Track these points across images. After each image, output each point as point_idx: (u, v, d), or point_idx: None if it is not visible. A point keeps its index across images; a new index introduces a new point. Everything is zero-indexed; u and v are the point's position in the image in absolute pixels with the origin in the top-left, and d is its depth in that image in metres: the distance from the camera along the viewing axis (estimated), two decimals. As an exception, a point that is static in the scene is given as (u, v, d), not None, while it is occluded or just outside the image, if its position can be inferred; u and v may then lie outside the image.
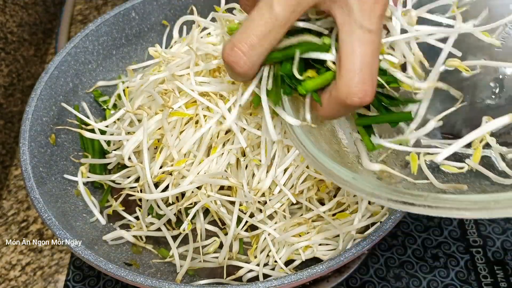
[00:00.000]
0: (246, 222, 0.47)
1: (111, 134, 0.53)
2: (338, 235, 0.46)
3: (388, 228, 0.41)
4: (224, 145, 0.48)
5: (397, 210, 0.42)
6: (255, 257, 0.47)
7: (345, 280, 0.53)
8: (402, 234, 0.58)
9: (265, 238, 0.47)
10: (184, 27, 0.62)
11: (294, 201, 0.46)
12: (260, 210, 0.47)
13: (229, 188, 0.48)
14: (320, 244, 0.47)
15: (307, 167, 0.46)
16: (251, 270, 0.47)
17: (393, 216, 0.42)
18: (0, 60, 0.66)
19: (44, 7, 0.82)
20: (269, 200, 0.46)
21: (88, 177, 0.53)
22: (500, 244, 0.56)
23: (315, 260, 0.46)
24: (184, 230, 0.46)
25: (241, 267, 0.47)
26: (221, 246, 0.48)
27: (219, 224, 0.49)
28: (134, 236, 0.50)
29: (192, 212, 0.46)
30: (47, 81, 0.53)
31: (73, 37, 0.57)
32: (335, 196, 0.49)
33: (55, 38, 0.83)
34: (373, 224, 0.46)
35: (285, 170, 0.46)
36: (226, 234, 0.48)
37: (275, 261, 0.46)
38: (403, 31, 0.37)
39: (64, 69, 0.55)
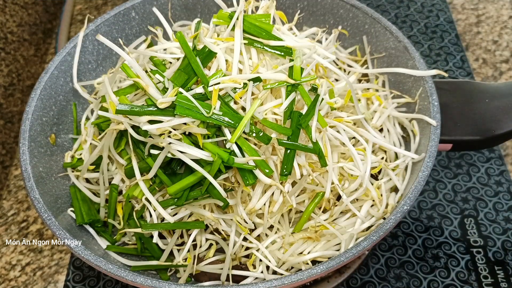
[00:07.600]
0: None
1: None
2: (339, 243, 0.46)
3: (389, 228, 0.41)
4: None
5: (397, 210, 0.42)
6: (254, 267, 0.46)
7: (346, 280, 0.53)
8: (403, 234, 0.57)
9: (262, 251, 0.46)
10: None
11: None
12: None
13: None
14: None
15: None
16: (256, 278, 0.46)
17: (394, 216, 0.42)
18: (0, 60, 0.66)
19: (44, 7, 0.82)
20: (268, 220, 0.45)
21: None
22: (501, 244, 0.56)
23: (315, 260, 0.46)
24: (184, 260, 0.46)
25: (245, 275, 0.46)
26: (220, 250, 0.48)
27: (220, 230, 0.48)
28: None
29: (191, 237, 0.45)
30: (47, 81, 0.53)
31: (73, 37, 0.57)
32: (338, 199, 0.48)
33: (55, 38, 0.83)
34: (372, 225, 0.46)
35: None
36: (224, 239, 0.47)
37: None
38: None
39: (64, 69, 0.55)
